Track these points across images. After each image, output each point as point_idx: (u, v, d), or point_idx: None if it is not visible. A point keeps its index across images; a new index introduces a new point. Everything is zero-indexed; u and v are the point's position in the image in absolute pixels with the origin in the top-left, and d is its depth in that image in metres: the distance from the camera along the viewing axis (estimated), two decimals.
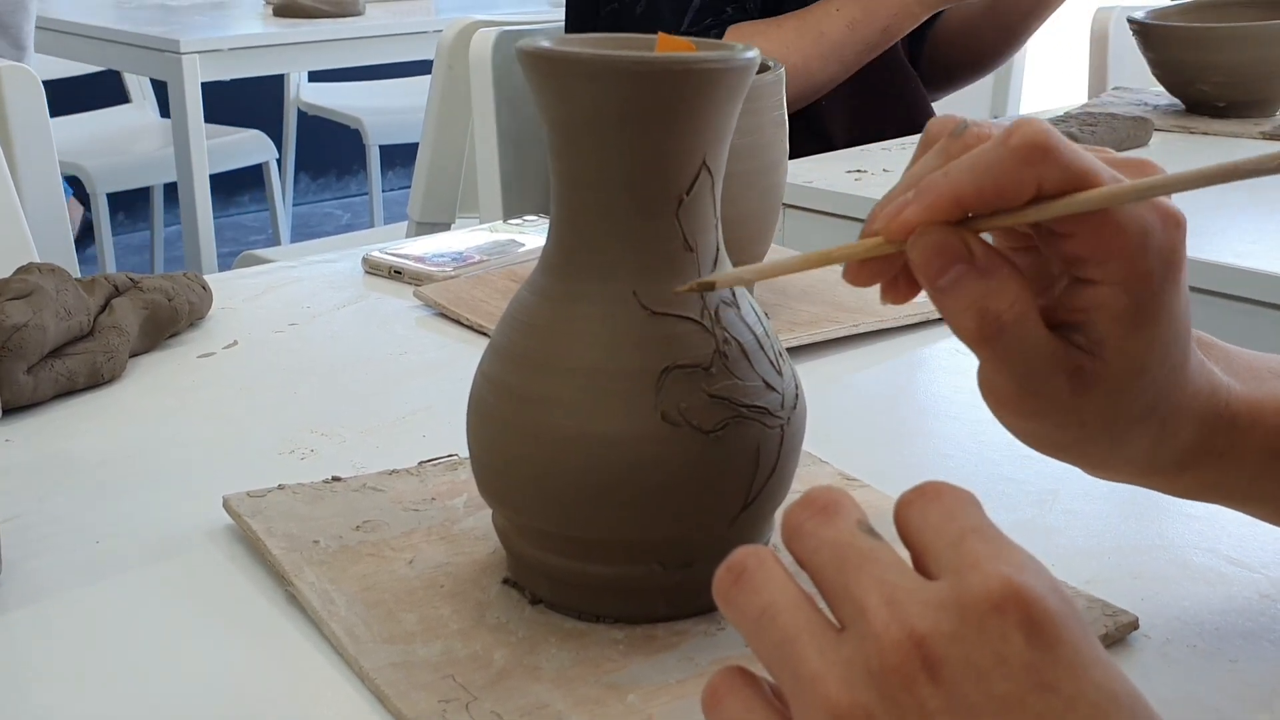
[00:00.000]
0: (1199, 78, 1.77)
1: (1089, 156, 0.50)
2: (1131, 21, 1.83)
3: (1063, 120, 1.54)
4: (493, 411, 0.61)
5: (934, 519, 0.42)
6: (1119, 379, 0.52)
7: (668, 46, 0.60)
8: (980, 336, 0.50)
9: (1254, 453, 0.57)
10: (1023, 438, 0.56)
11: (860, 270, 0.52)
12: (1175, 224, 0.50)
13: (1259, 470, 0.58)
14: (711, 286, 0.57)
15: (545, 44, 0.57)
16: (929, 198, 0.49)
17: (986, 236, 0.51)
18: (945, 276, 0.49)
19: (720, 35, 1.68)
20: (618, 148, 0.57)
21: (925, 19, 1.67)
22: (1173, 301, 0.51)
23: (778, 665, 0.41)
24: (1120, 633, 0.61)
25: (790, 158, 1.02)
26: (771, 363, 0.60)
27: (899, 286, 0.53)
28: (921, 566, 0.41)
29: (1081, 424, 0.53)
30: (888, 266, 0.52)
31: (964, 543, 0.40)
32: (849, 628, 0.40)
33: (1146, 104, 1.87)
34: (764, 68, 0.92)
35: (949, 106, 2.31)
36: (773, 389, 0.60)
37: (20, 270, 0.91)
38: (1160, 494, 0.76)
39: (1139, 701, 0.39)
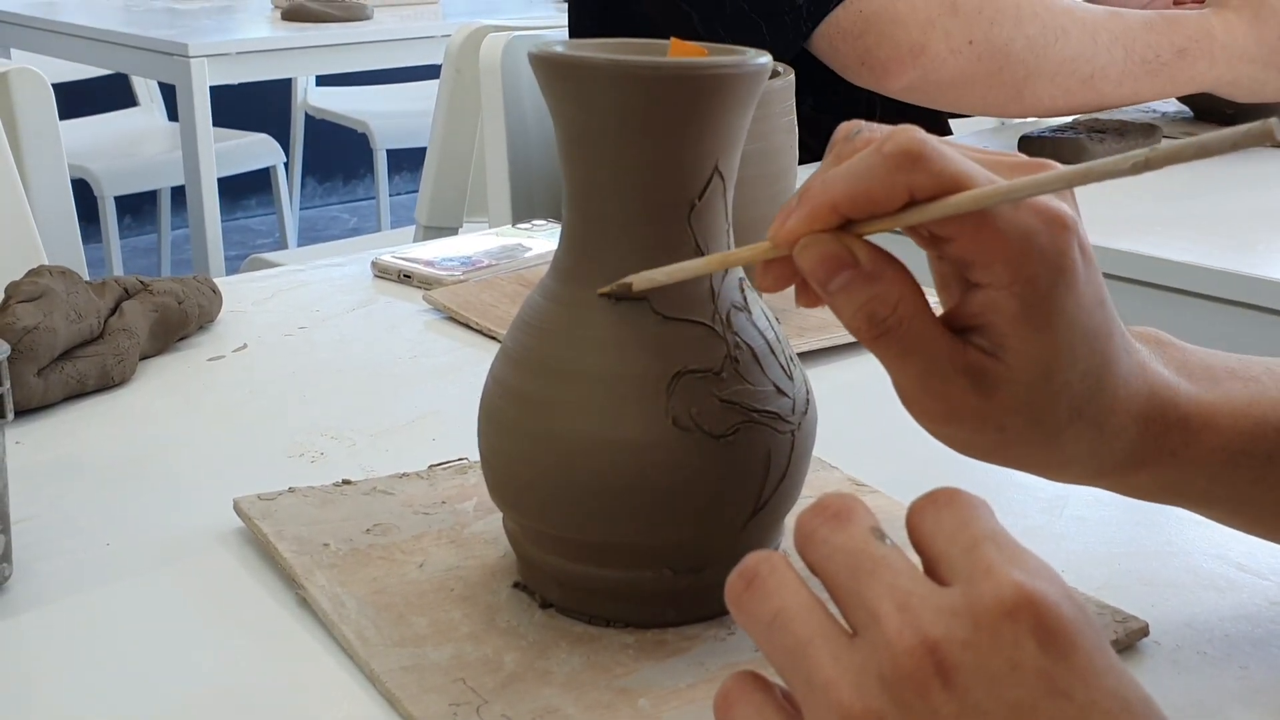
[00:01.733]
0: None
1: (966, 162, 0.50)
2: None
3: (1071, 127, 1.54)
4: (504, 416, 0.61)
5: (947, 525, 0.42)
6: (1024, 382, 0.52)
7: (680, 51, 0.60)
8: (871, 337, 0.52)
9: (1208, 453, 0.57)
10: (950, 444, 0.56)
11: (766, 275, 0.53)
12: (1061, 227, 0.50)
13: (1215, 472, 0.57)
14: (629, 289, 0.58)
15: (559, 48, 0.57)
16: (807, 205, 0.51)
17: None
18: (833, 282, 0.50)
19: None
20: (631, 152, 0.57)
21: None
22: (1069, 305, 0.51)
23: (790, 671, 0.41)
24: (1131, 639, 0.61)
25: (802, 163, 1.02)
26: (783, 368, 0.60)
27: (808, 290, 0.54)
28: (934, 573, 0.41)
29: (999, 428, 0.53)
30: (793, 271, 0.53)
31: (977, 549, 0.41)
32: (861, 634, 0.40)
33: (1155, 111, 1.87)
34: (774, 73, 0.93)
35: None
36: (784, 394, 0.60)
37: (31, 273, 0.91)
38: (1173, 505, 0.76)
39: (1152, 708, 0.40)
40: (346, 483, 0.74)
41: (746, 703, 0.42)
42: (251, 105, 4.10)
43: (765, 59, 0.58)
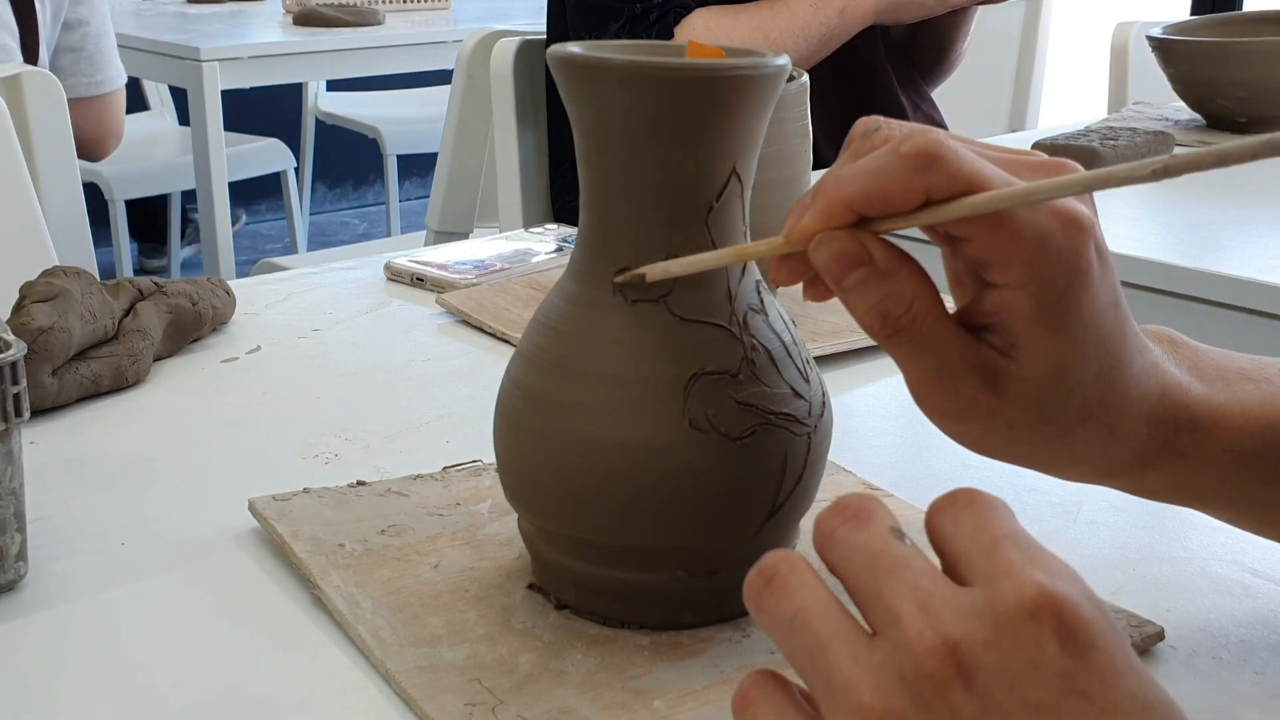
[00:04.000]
0: (1219, 93, 1.76)
1: (983, 163, 0.50)
2: (1150, 39, 1.82)
3: (1083, 134, 1.54)
4: (521, 417, 0.61)
5: (966, 526, 0.42)
6: (1036, 382, 0.52)
7: (698, 54, 0.60)
8: (885, 334, 0.51)
9: (1219, 454, 0.57)
10: (960, 440, 0.55)
11: (779, 269, 0.54)
12: (1078, 228, 0.50)
13: (1225, 473, 0.57)
14: (642, 279, 0.58)
15: (578, 50, 0.57)
16: (822, 203, 0.51)
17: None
18: (847, 279, 0.51)
19: (676, 22, 1.72)
20: (649, 154, 0.57)
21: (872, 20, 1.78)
22: (1084, 306, 0.51)
23: (810, 670, 0.41)
24: (1146, 644, 0.61)
25: (816, 168, 1.02)
26: (799, 370, 0.60)
27: (818, 285, 0.54)
28: (954, 573, 0.41)
29: (1009, 426, 0.53)
30: (807, 266, 0.53)
31: (997, 550, 0.41)
32: (881, 634, 0.40)
33: (1167, 119, 1.87)
34: (789, 77, 0.92)
35: (965, 120, 2.31)
36: (800, 396, 0.60)
37: (45, 273, 0.91)
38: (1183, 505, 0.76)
39: (1173, 710, 0.39)
40: (361, 484, 0.74)
41: (765, 702, 0.42)
42: (262, 110, 4.10)
43: (783, 61, 0.58)
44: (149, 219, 4.21)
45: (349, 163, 5.23)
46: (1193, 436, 0.56)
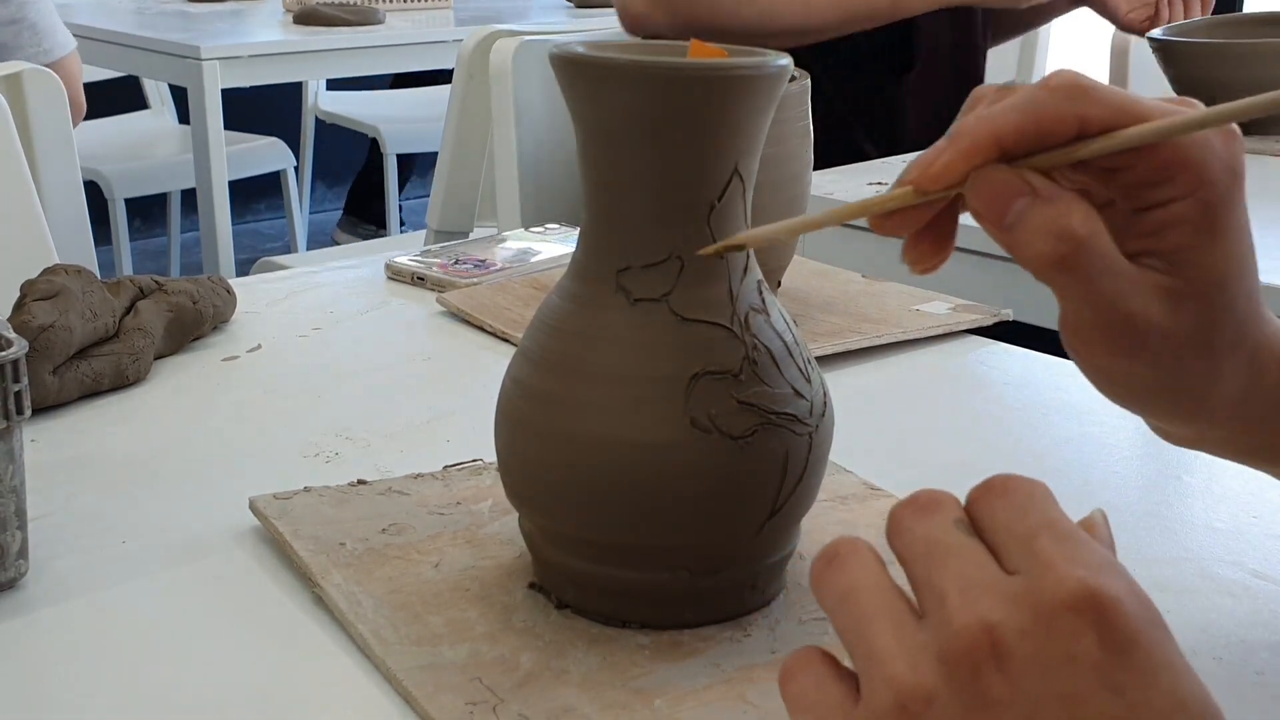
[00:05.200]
0: (1219, 94, 1.74)
1: (1133, 95, 0.50)
2: (1151, 40, 1.83)
3: None
4: (522, 416, 0.61)
5: (1003, 517, 0.42)
6: (1203, 295, 0.52)
7: (700, 53, 0.60)
8: (1057, 259, 0.49)
9: None
10: (1114, 385, 0.54)
11: (887, 220, 0.52)
12: (1233, 136, 0.52)
13: None
14: (741, 246, 0.57)
15: (580, 49, 0.57)
16: (965, 141, 0.50)
17: None
18: (1010, 212, 0.49)
19: None
20: (651, 153, 0.57)
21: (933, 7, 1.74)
22: (1239, 212, 0.52)
23: (853, 642, 0.41)
24: None
25: (817, 168, 1.02)
26: (800, 370, 0.60)
27: (922, 244, 0.52)
28: (1000, 563, 0.41)
29: (1176, 355, 0.52)
30: (914, 218, 0.52)
31: (1036, 542, 0.40)
32: (927, 616, 0.41)
33: None
34: (790, 77, 0.92)
35: None
36: (801, 396, 0.60)
37: (46, 271, 0.91)
38: (1183, 506, 0.76)
39: (1210, 710, 0.39)
40: (361, 483, 0.74)
41: (808, 673, 0.43)
42: (262, 109, 4.10)
43: (785, 61, 0.58)
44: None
45: (348, 162, 5.22)
46: None
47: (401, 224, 4.35)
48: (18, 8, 2.05)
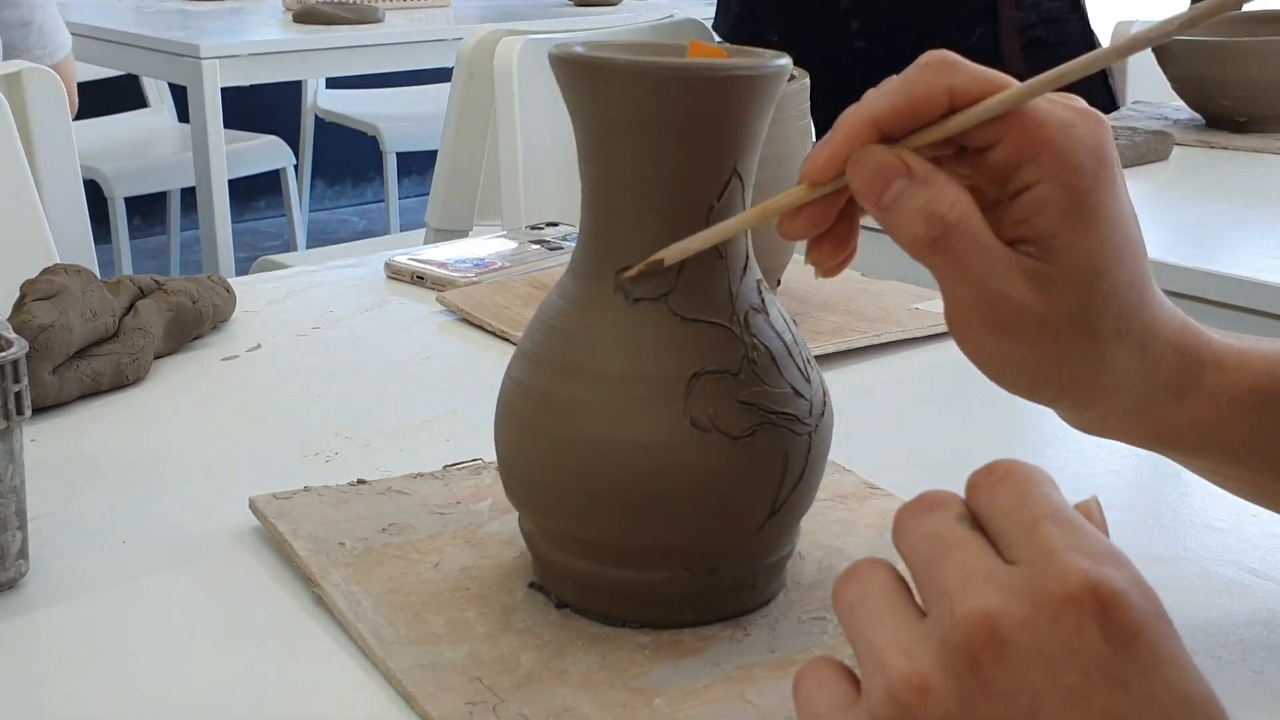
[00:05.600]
0: (1218, 93, 1.77)
1: (993, 71, 0.52)
2: None
3: None
4: (522, 416, 0.61)
5: (1004, 503, 0.42)
6: (1077, 280, 0.52)
7: (699, 53, 0.60)
8: (930, 240, 0.51)
9: (1244, 395, 0.57)
10: (996, 367, 0.55)
11: (794, 220, 0.54)
12: (1097, 120, 0.52)
13: (1252, 417, 0.58)
14: (660, 263, 0.58)
15: (580, 50, 0.57)
16: (843, 128, 0.52)
17: None
18: (888, 193, 0.51)
19: None
20: (650, 154, 0.57)
21: None
22: (1111, 200, 0.52)
23: (856, 642, 0.42)
24: None
25: None
26: (800, 370, 0.60)
27: (823, 246, 0.54)
28: (1000, 552, 0.41)
29: (1055, 338, 0.53)
30: (819, 218, 0.53)
31: (1037, 530, 0.40)
32: (930, 611, 0.41)
33: (1166, 118, 1.87)
34: (790, 77, 0.92)
35: None
36: (801, 396, 0.60)
37: (46, 271, 0.91)
38: (1181, 505, 0.76)
39: (1213, 704, 0.39)
40: (361, 482, 0.74)
41: (815, 676, 0.43)
42: (261, 107, 4.09)
43: (784, 61, 0.58)
44: None
45: (348, 160, 5.22)
46: (1218, 375, 0.57)
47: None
48: (28, 10, 2.05)
